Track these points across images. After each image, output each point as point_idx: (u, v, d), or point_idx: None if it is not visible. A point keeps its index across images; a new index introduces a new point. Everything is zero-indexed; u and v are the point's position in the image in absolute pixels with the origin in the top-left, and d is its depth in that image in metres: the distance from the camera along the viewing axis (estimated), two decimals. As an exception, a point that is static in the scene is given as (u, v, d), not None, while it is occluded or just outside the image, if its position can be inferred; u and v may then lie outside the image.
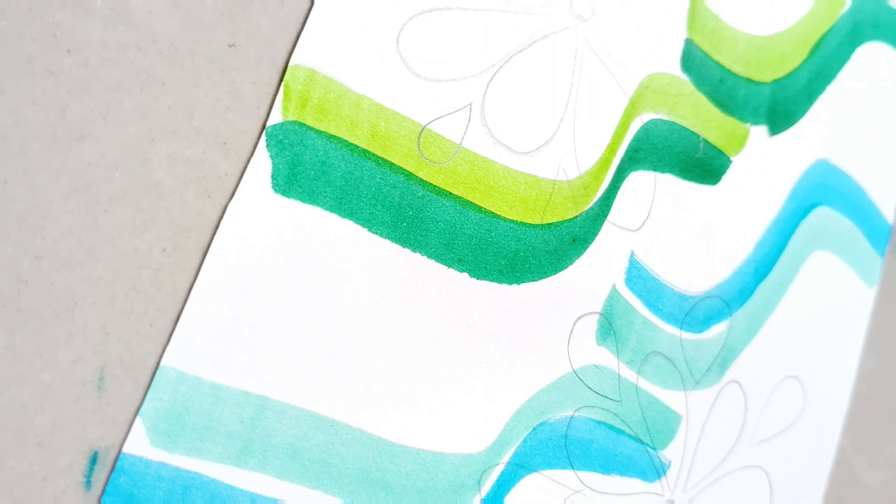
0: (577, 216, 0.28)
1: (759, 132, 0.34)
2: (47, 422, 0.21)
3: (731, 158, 0.33)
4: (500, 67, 0.27)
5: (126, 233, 0.21)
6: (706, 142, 0.32)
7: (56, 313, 0.21)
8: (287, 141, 0.23)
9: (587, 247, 0.29)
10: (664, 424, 0.32)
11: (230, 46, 0.23)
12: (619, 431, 0.31)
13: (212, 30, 0.23)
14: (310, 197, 0.24)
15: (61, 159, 0.21)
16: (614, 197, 0.30)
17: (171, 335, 0.22)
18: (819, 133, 0.37)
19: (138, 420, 0.22)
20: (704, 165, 0.32)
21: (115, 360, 0.22)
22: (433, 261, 0.26)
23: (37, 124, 0.20)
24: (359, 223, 0.25)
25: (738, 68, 0.33)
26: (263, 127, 0.23)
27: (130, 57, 0.21)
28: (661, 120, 0.31)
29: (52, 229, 0.21)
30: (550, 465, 0.29)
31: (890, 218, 0.41)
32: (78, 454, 0.21)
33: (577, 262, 0.29)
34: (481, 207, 0.27)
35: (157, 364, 0.22)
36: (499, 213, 0.27)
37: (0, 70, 0.20)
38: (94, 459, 0.21)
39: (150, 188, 0.22)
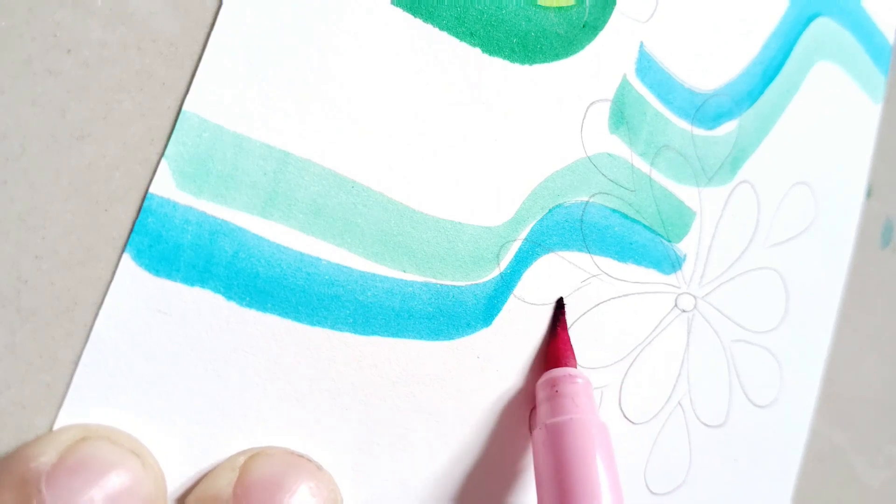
0: (585, 1, 0.29)
1: None
2: (47, 422, 0.21)
3: None
4: None
5: (126, 233, 0.21)
6: None
7: (56, 313, 0.21)
8: None
9: (597, 34, 0.30)
10: (678, 218, 0.33)
11: (230, 46, 0.23)
12: (634, 220, 0.32)
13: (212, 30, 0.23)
14: None
15: (61, 159, 0.20)
16: None
17: (190, 82, 0.22)
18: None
19: (163, 162, 0.22)
20: None
21: (115, 360, 0.22)
22: (445, 33, 0.26)
23: (37, 124, 0.20)
24: None
25: None
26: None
27: (130, 57, 0.21)
28: None
29: (52, 229, 0.21)
30: (567, 247, 0.30)
31: (891, 38, 0.42)
32: (78, 454, 0.21)
33: (587, 49, 0.30)
34: None
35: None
36: None
37: (0, 70, 0.20)
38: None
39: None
